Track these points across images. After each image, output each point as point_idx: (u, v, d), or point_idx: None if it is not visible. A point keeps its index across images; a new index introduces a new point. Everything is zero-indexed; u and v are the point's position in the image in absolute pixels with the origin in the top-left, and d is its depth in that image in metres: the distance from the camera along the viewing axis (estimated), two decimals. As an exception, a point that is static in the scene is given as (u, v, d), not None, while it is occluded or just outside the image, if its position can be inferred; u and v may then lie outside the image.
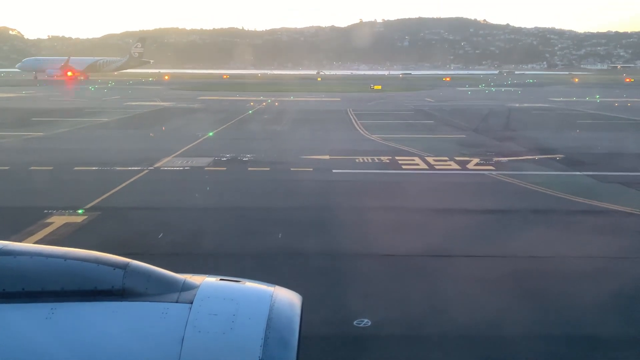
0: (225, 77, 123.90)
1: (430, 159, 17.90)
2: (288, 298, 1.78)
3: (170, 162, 16.78)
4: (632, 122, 30.81)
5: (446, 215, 11.38)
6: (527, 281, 7.84)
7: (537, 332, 6.24)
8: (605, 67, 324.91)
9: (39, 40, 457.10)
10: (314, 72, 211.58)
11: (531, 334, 6.21)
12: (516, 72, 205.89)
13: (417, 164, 17.09)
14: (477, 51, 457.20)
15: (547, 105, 44.65)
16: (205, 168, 15.99)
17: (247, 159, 17.55)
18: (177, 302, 1.67)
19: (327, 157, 18.26)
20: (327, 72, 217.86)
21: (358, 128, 27.17)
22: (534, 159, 18.35)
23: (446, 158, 18.14)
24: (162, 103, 43.83)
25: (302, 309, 1.76)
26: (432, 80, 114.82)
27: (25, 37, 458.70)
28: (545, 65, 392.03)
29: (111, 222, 10.49)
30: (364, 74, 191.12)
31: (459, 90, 72.20)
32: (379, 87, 75.88)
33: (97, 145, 20.53)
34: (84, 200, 11.74)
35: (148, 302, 1.66)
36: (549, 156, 18.74)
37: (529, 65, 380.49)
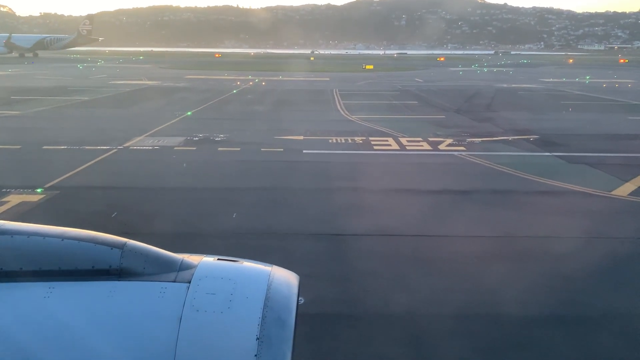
0: (217, 55, 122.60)
1: (403, 140, 17.90)
2: (285, 278, 1.80)
3: (141, 142, 16.72)
4: (614, 104, 30.76)
5: (404, 196, 11.42)
6: (465, 261, 7.92)
7: (459, 313, 6.32)
8: (602, 47, 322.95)
9: (30, 18, 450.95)
10: (308, 51, 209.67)
11: (453, 314, 6.29)
12: (512, 53, 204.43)
13: (390, 145, 17.09)
14: (474, 31, 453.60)
15: (535, 86, 44.48)
16: (175, 148, 15.94)
17: (220, 139, 17.50)
18: (174, 281, 1.67)
19: (301, 137, 18.22)
20: (322, 52, 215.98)
21: (339, 108, 27.05)
22: (508, 139, 18.36)
23: (420, 139, 18.14)
24: (147, 82, 43.46)
25: (299, 288, 1.77)
26: (426, 60, 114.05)
27: (17, 14, 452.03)
28: (543, 46, 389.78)
29: (67, 201, 10.49)
30: (359, 54, 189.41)
31: (450, 71, 71.79)
32: (371, 66, 75.29)
33: (72, 124, 20.41)
34: (45, 180, 11.73)
35: (146, 282, 1.66)
36: (523, 137, 18.76)
37: (526, 46, 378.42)
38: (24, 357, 1.49)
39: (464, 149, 16.48)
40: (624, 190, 11.86)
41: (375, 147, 16.68)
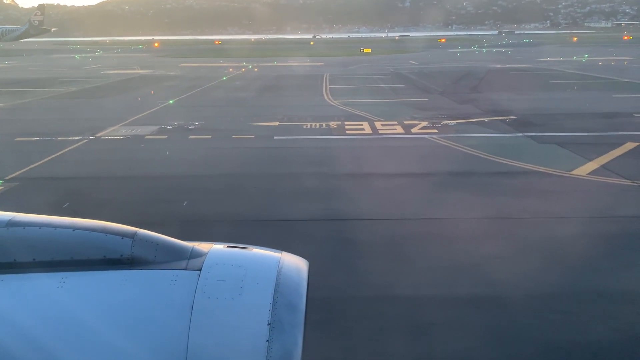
0: (217, 42, 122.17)
1: (378, 124, 17.86)
2: (295, 263, 1.81)
3: (115, 131, 16.80)
4: (605, 82, 30.40)
5: (361, 180, 11.42)
6: (408, 243, 7.96)
7: (371, 295, 6.37)
8: (609, 24, 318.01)
9: (32, 9, 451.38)
10: (311, 36, 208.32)
11: (383, 294, 6.35)
12: (516, 32, 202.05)
13: (363, 129, 17.06)
14: (479, 11, 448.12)
15: (529, 65, 44.04)
16: (146, 137, 16.00)
17: (194, 126, 17.54)
18: (185, 269, 1.69)
19: (277, 123, 18.23)
20: (324, 36, 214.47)
21: (324, 93, 26.97)
22: (484, 121, 18.26)
23: (395, 122, 18.09)
24: (140, 71, 43.46)
25: (309, 274, 1.79)
26: (428, 42, 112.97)
27: (20, 5, 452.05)
28: (549, 25, 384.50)
29: (25, 192, 10.60)
30: (361, 37, 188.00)
31: (449, 52, 71.15)
32: (369, 50, 74.78)
33: (51, 116, 20.52)
34: (8, 171, 11.84)
35: (157, 270, 1.68)
36: (500, 118, 18.65)
37: (532, 25, 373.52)
38: (39, 347, 1.51)
39: (437, 131, 16.42)
40: (585, 169, 11.80)
41: (347, 132, 16.66)
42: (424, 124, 17.72)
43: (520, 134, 15.82)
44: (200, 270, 1.67)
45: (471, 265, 7.12)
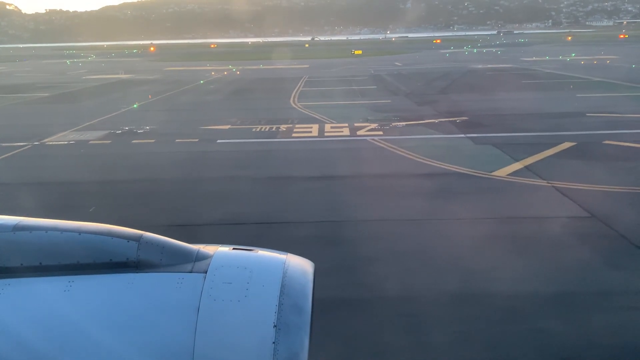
0: (213, 46, 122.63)
1: (328, 126, 17.90)
2: (300, 265, 1.81)
3: (63, 137, 16.90)
4: (577, 81, 30.31)
5: (278, 183, 11.45)
6: (294, 247, 7.97)
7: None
8: (611, 23, 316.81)
9: (36, 15, 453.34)
10: (310, 38, 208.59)
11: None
12: (515, 32, 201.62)
13: (310, 132, 17.10)
14: (481, 11, 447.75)
15: (510, 65, 44.00)
16: (90, 142, 16.11)
17: (143, 131, 17.63)
18: (191, 272, 1.69)
19: (228, 127, 18.31)
20: (322, 38, 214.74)
21: (292, 96, 27.02)
22: (434, 122, 18.26)
23: (346, 124, 18.12)
24: (122, 76, 43.70)
25: (314, 275, 1.79)
26: (423, 43, 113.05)
27: (23, 11, 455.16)
28: (550, 24, 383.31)
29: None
30: (360, 39, 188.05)
31: (439, 53, 71.14)
32: (360, 52, 75.02)
33: (7, 122, 20.67)
34: None
35: (163, 273, 1.68)
36: (451, 119, 18.65)
37: (533, 24, 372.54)
38: (46, 351, 1.52)
39: (382, 133, 16.45)
40: (507, 170, 11.79)
41: (293, 135, 16.71)
42: (373, 126, 17.75)
43: (462, 135, 15.82)
44: (206, 272, 1.68)
45: (348, 268, 7.13)
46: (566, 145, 14.15)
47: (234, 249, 1.84)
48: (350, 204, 9.85)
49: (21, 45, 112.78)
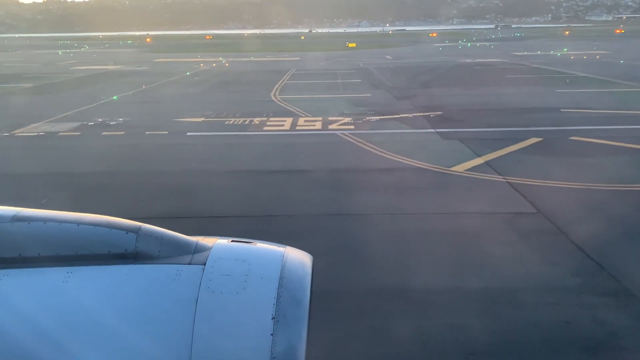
0: (208, 37, 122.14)
1: (301, 120, 17.88)
2: (299, 258, 1.82)
3: (34, 128, 16.87)
4: (561, 76, 30.24)
5: (235, 177, 11.44)
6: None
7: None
8: (611, 18, 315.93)
9: (34, 4, 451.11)
10: (307, 30, 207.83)
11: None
12: (513, 26, 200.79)
13: (282, 125, 17.09)
14: (480, 5, 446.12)
15: (499, 60, 43.89)
16: (60, 133, 16.08)
17: (115, 122, 17.61)
18: (190, 264, 1.69)
19: (202, 119, 18.29)
20: (320, 30, 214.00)
21: (275, 89, 26.94)
22: (408, 117, 18.24)
23: (320, 118, 18.08)
24: (110, 67, 43.56)
25: (313, 268, 1.80)
26: (419, 36, 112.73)
27: (20, 1, 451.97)
28: (550, 18, 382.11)
29: None
30: (357, 31, 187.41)
31: (432, 47, 70.95)
32: (354, 44, 74.77)
33: (-16, 112, 20.63)
34: None
35: (161, 265, 1.68)
36: (426, 114, 18.64)
37: (533, 19, 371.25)
38: (45, 341, 1.53)
39: (353, 127, 16.43)
40: (466, 165, 11.81)
41: (265, 129, 16.69)
42: (347, 120, 17.73)
43: (432, 130, 15.82)
44: (205, 264, 1.68)
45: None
46: (533, 140, 14.17)
47: (232, 241, 1.85)
48: (296, 199, 9.85)
49: (17, 35, 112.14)
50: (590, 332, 5.53)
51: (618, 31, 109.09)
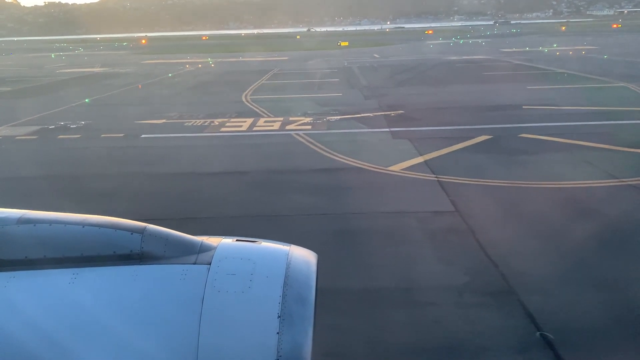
0: (204, 38, 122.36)
1: (262, 121, 17.92)
2: (304, 256, 1.83)
3: (-7, 133, 17.00)
4: (539, 73, 30.15)
5: (172, 180, 11.48)
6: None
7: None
8: (612, 12, 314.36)
9: (35, 8, 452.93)
10: (305, 29, 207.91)
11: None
12: (512, 22, 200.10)
13: (240, 127, 17.12)
14: (482, 1, 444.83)
15: (484, 57, 43.79)
16: (16, 137, 16.18)
17: (76, 126, 17.69)
18: (195, 263, 1.70)
19: (163, 121, 18.35)
20: (319, 29, 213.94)
21: (248, 90, 26.94)
22: (369, 116, 18.24)
23: (281, 119, 18.11)
24: (97, 69, 43.72)
25: (318, 266, 1.81)
26: (415, 34, 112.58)
27: (22, 4, 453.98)
28: (551, 14, 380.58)
29: None
30: (356, 30, 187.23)
31: (424, 44, 70.86)
32: (346, 43, 74.71)
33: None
34: None
35: (167, 265, 1.70)
36: (387, 113, 18.65)
37: (534, 14, 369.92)
38: (52, 342, 1.54)
39: (310, 128, 16.45)
40: (404, 165, 11.80)
41: (222, 130, 16.74)
42: (306, 120, 17.75)
43: (386, 129, 15.82)
44: (210, 264, 1.69)
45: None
46: (482, 138, 14.17)
47: (237, 240, 1.85)
48: (222, 201, 9.89)
49: (15, 39, 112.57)
50: (454, 331, 5.54)
51: (615, 26, 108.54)
